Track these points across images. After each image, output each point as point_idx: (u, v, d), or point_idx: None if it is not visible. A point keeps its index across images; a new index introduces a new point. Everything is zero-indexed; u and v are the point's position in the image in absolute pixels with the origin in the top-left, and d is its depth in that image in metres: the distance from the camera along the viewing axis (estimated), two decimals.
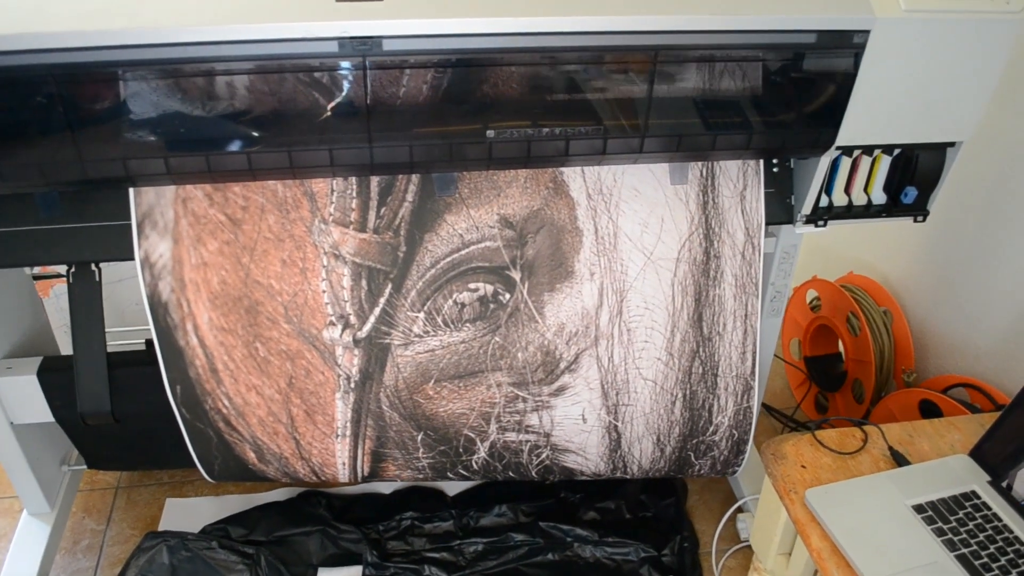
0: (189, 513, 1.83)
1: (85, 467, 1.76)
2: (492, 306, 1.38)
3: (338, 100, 1.11)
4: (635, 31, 1.12)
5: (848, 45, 1.18)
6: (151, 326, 1.33)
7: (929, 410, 1.72)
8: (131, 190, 1.25)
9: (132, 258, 1.29)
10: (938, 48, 1.20)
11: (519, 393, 1.44)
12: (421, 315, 1.36)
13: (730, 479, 1.92)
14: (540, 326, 1.40)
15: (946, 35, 1.19)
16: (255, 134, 1.13)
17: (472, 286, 1.36)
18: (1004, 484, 1.28)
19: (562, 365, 1.43)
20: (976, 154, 1.62)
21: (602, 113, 1.19)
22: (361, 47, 1.06)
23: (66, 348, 1.87)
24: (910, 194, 1.41)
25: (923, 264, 1.91)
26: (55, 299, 2.14)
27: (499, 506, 1.80)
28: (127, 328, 2.09)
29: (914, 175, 1.39)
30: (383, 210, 1.30)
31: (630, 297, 1.40)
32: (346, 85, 1.10)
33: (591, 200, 1.35)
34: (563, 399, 1.46)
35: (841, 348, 2.09)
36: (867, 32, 1.16)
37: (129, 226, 1.27)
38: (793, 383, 2.27)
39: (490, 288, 1.36)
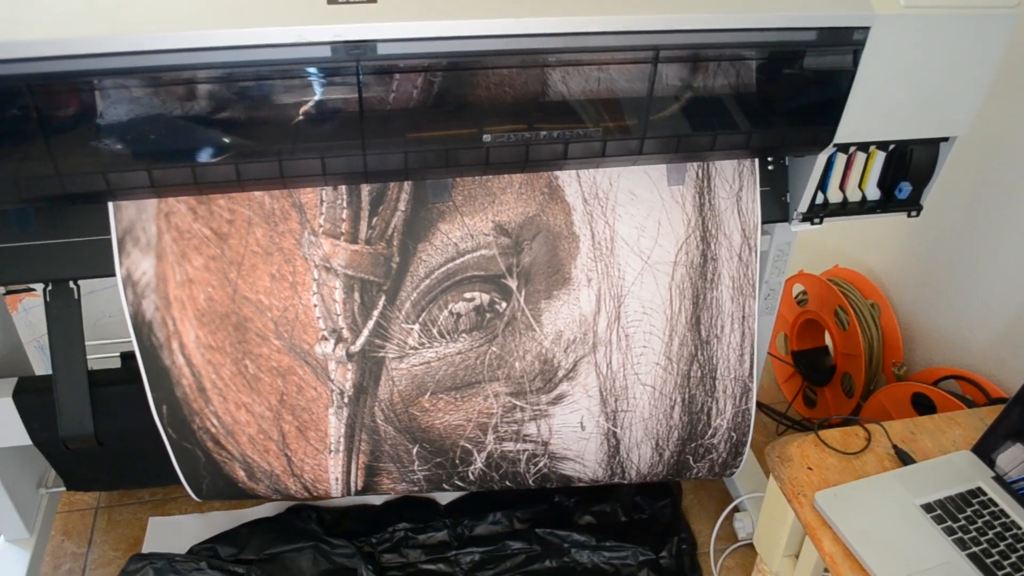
0: (174, 532, 1.78)
1: (64, 489, 1.70)
2: (488, 315, 1.34)
3: (330, 106, 1.07)
4: (635, 31, 1.09)
5: (848, 42, 1.16)
6: (135, 346, 1.28)
7: (921, 403, 1.72)
8: (111, 206, 1.20)
9: (113, 274, 1.23)
10: (936, 44, 1.19)
11: (517, 403, 1.41)
12: (416, 327, 1.32)
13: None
14: (537, 334, 1.36)
15: (944, 31, 1.18)
16: (244, 143, 1.08)
17: (468, 296, 1.32)
18: (987, 460, 1.29)
19: (560, 373, 1.40)
20: (960, 147, 1.62)
21: (601, 115, 1.16)
22: (355, 51, 1.02)
23: (37, 364, 1.81)
24: (904, 189, 1.40)
25: (909, 257, 1.91)
26: (24, 313, 2.07)
27: (493, 513, 1.77)
28: (101, 341, 2.02)
29: (908, 170, 1.39)
30: (375, 220, 1.26)
31: (628, 302, 1.37)
32: (339, 91, 1.05)
33: (587, 205, 1.32)
34: (561, 407, 1.43)
35: (828, 342, 2.09)
36: (867, 29, 1.15)
37: (109, 241, 1.22)
38: (780, 378, 2.27)
39: (486, 297, 1.33)
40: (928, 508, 1.22)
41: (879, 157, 1.38)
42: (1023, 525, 1.20)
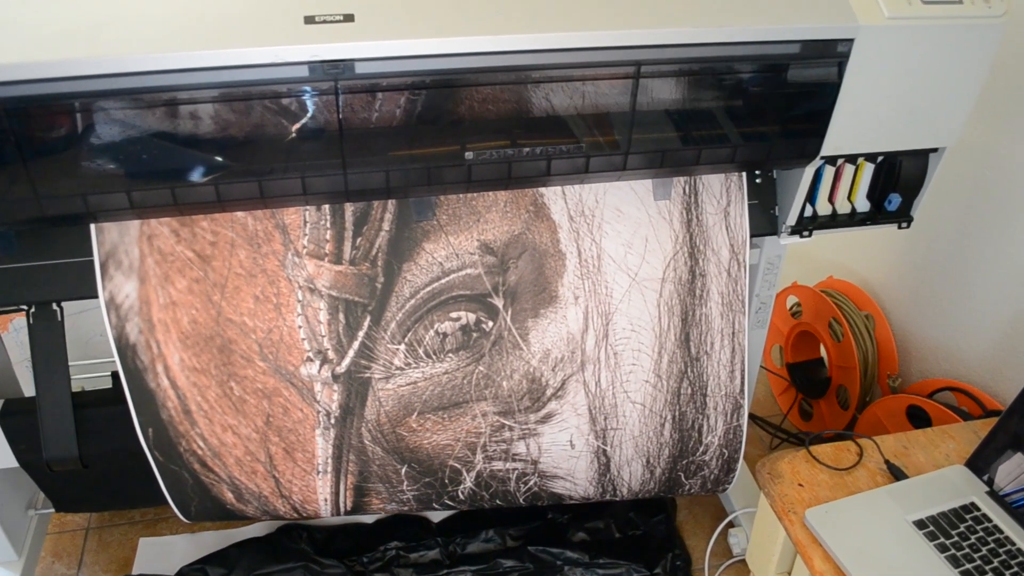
0: (164, 553, 1.76)
1: (53, 511, 1.68)
2: (475, 335, 1.33)
3: (310, 126, 1.06)
4: (617, 46, 1.08)
5: (832, 54, 1.15)
6: (119, 368, 1.27)
7: (917, 415, 1.71)
8: (93, 229, 1.19)
9: (96, 296, 1.22)
10: (922, 54, 1.18)
11: (505, 422, 1.40)
12: (402, 347, 1.31)
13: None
14: (525, 353, 1.35)
15: (930, 41, 1.17)
16: (223, 163, 1.07)
17: (454, 315, 1.31)
18: (985, 477, 1.28)
19: (548, 392, 1.39)
20: (953, 157, 1.61)
21: (584, 130, 1.15)
22: (332, 71, 1.01)
23: (27, 383, 1.80)
24: (894, 201, 1.39)
25: (903, 268, 1.90)
26: (15, 333, 2.06)
27: (486, 531, 1.76)
28: (92, 361, 2.01)
29: (897, 182, 1.38)
30: (359, 240, 1.25)
31: (616, 320, 1.36)
32: (318, 110, 1.05)
33: (573, 222, 1.31)
34: (550, 426, 1.42)
35: (823, 354, 2.08)
36: (851, 41, 1.14)
37: (91, 262, 1.20)
38: (776, 390, 2.25)
39: (472, 316, 1.32)
40: (920, 524, 1.21)
41: (868, 169, 1.37)
42: (1017, 541, 1.19)
